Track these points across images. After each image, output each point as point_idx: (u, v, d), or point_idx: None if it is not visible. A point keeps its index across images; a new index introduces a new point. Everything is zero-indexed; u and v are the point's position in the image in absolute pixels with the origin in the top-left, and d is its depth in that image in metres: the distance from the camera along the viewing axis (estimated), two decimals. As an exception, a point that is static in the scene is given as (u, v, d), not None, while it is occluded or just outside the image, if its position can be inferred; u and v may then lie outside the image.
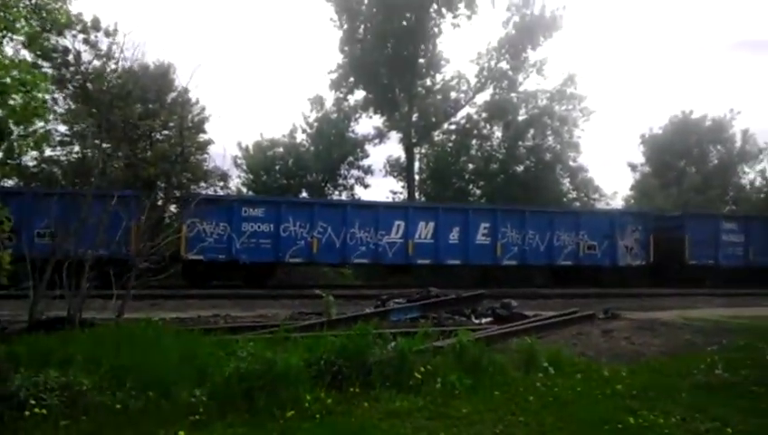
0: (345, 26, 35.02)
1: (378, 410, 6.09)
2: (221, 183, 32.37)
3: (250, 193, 33.23)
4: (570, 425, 5.89)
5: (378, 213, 23.66)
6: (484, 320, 12.04)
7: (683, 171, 43.45)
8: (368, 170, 37.30)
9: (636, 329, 11.35)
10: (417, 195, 35.74)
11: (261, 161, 35.03)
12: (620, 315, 13.08)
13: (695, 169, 43.02)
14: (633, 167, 48.48)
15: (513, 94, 35.96)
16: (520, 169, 34.94)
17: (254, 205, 22.55)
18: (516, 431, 5.68)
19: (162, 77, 30.45)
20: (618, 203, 39.87)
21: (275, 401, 5.97)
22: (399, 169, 37.60)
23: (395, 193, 37.47)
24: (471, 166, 35.73)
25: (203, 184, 30.95)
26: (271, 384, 6.10)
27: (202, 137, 31.13)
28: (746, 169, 45.54)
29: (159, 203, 24.42)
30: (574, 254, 25.69)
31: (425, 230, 23.82)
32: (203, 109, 31.83)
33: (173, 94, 30.97)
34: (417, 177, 36.78)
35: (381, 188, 66.45)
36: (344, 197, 36.08)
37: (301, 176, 35.38)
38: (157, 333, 7.74)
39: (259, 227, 22.11)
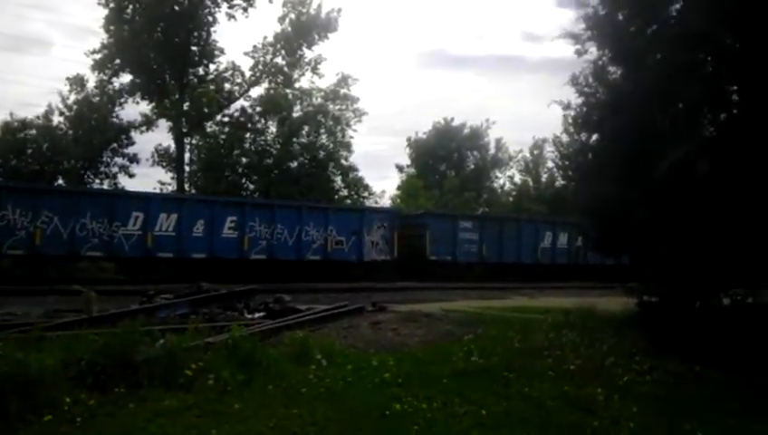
0: (111, 4, 32.85)
1: (145, 411, 5.81)
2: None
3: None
4: (340, 414, 6.06)
5: (114, 202, 22.13)
6: (257, 315, 11.95)
7: (444, 174, 46.74)
8: (133, 159, 35.40)
9: (401, 320, 11.95)
10: (187, 187, 34.55)
11: (10, 144, 31.65)
12: (387, 308, 13.69)
13: (454, 173, 46.46)
14: (400, 168, 51.36)
15: (288, 90, 36.10)
16: (294, 165, 35.18)
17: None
18: (289, 424, 5.72)
19: None
20: (386, 202, 41.83)
21: (30, 405, 5.47)
22: (169, 160, 36.12)
23: (164, 184, 35.91)
24: (245, 160, 35.28)
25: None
26: (24, 388, 5.57)
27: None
28: (498, 174, 50.29)
29: None
30: (323, 249, 25.88)
31: (166, 222, 22.56)
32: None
33: None
34: (187, 168, 35.56)
35: (149, 179, 63.18)
36: (106, 186, 33.90)
37: (57, 162, 32.56)
38: None
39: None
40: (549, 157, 47.59)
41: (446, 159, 48.79)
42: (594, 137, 12.45)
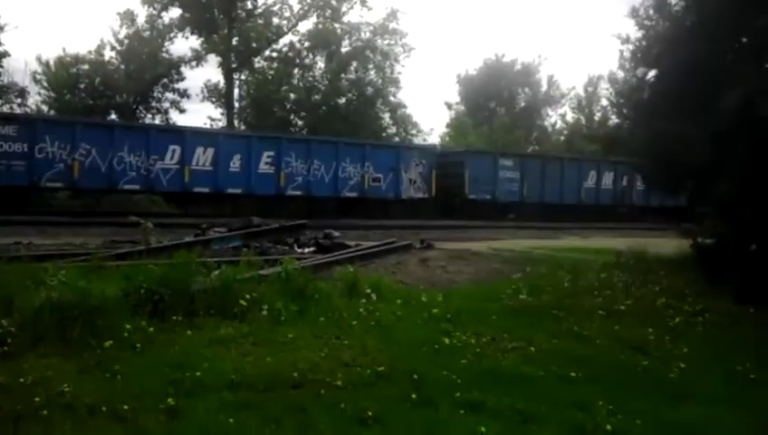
0: (161, -62, 32.65)
1: (202, 338, 5.96)
2: (18, 100, 29.46)
3: (52, 112, 30.54)
4: (390, 347, 6.14)
5: (149, 136, 22.13)
6: (307, 249, 12.12)
7: (494, 112, 45.97)
8: (184, 94, 35.77)
9: (450, 258, 11.99)
10: (236, 123, 34.80)
11: (64, 79, 32.21)
12: (435, 245, 13.73)
13: (504, 111, 45.65)
14: (449, 105, 50.72)
15: (336, 25, 35.68)
16: (342, 101, 35.06)
17: (2, 122, 19.98)
18: (341, 354, 5.82)
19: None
20: (434, 139, 41.52)
21: (92, 331, 5.64)
22: (218, 95, 36.34)
23: (213, 120, 36.31)
24: (293, 96, 35.28)
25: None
26: (86, 314, 5.74)
27: (-5, 48, 27.96)
28: (549, 113, 49.27)
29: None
30: (360, 186, 25.62)
31: (203, 157, 22.67)
32: (-3, 16, 28.57)
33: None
34: (236, 104, 35.74)
35: (199, 114, 64.03)
36: (158, 121, 34.35)
37: (109, 96, 33.05)
38: (-50, 260, 7.00)
39: (10, 146, 19.62)
40: (603, 94, 46.35)
41: (496, 97, 47.91)
42: (653, 72, 12.07)
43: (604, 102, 46.09)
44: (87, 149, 20.68)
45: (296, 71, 35.83)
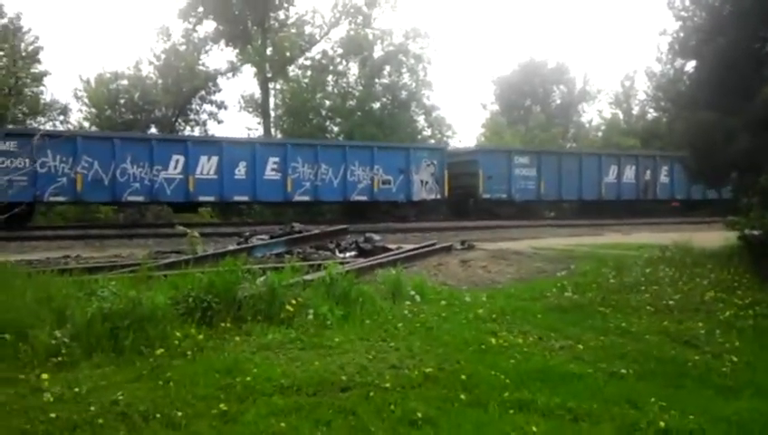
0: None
1: (250, 344, 6.05)
2: (61, 117, 30.24)
3: (93, 128, 31.25)
4: (436, 348, 6.16)
5: (151, 147, 21.82)
6: (348, 254, 12.18)
7: (529, 110, 45.59)
8: (221, 105, 36.30)
9: (491, 258, 11.93)
10: (273, 131, 35.17)
11: (104, 95, 32.94)
12: (475, 246, 13.68)
13: (539, 108, 45.23)
14: (484, 106, 50.59)
15: (368, 30, 35.84)
16: (376, 106, 35.14)
17: (4, 138, 19.42)
18: (387, 356, 5.85)
19: (-12, 2, 27.71)
20: (470, 141, 41.33)
21: (143, 340, 5.77)
22: (254, 105, 36.78)
23: (250, 129, 36.77)
24: (328, 102, 35.52)
25: (40, 118, 28.74)
26: (137, 323, 5.87)
27: (37, 67, 28.76)
28: (586, 109, 48.75)
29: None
30: (369, 189, 25.08)
31: (207, 165, 22.34)
32: (36, 38, 29.40)
33: (2, 21, 28.27)
34: (272, 113, 36.12)
35: (236, 124, 64.71)
36: (197, 132, 34.91)
37: (148, 111, 33.73)
38: (5, 274, 7.21)
39: (11, 162, 19.03)
40: (640, 88, 45.66)
41: (530, 95, 47.52)
42: (691, 63, 11.90)
43: (641, 96, 45.44)
44: (89, 161, 20.57)
45: (330, 78, 36.06)
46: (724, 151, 10.01)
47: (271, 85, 35.96)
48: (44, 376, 4.96)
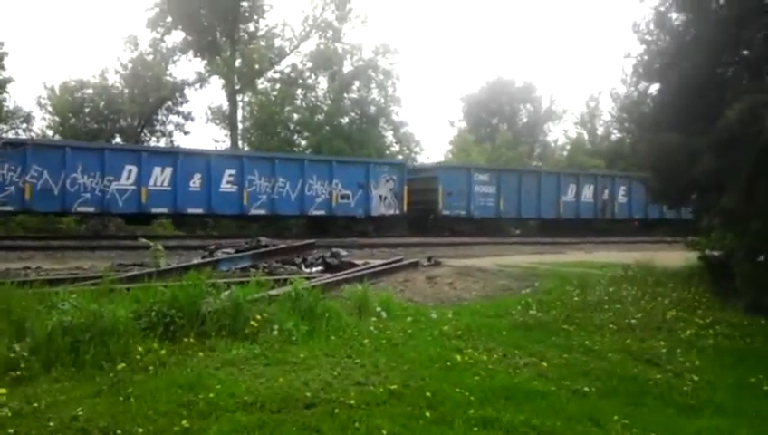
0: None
1: (214, 360, 5.97)
2: (24, 125, 29.73)
3: (57, 137, 30.76)
4: (402, 364, 6.15)
5: (104, 157, 21.10)
6: (315, 269, 12.14)
7: (496, 128, 46.06)
8: (188, 116, 36.02)
9: (457, 275, 11.98)
10: (240, 144, 34.97)
11: (68, 103, 32.45)
12: (442, 263, 13.73)
13: (506, 126, 45.72)
14: (452, 123, 51.04)
15: (338, 45, 35.95)
16: (345, 120, 35.18)
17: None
18: (352, 373, 5.82)
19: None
20: (438, 157, 41.55)
21: (104, 354, 5.67)
22: (222, 117, 36.55)
23: (217, 141, 36.48)
24: (296, 116, 35.46)
25: (2, 126, 28.21)
26: (98, 337, 5.77)
27: (0, 74, 28.24)
28: (552, 128, 49.45)
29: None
30: (327, 203, 24.79)
31: (161, 177, 21.79)
32: (1, 44, 28.86)
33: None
34: (240, 125, 35.95)
35: (204, 136, 64.39)
36: (163, 143, 34.58)
37: (113, 120, 33.32)
38: (-39, 286, 7.03)
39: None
40: (605, 109, 46.47)
41: (498, 113, 48.09)
42: (655, 86, 12.13)
43: (606, 117, 46.22)
44: (38, 171, 19.92)
45: (299, 91, 36.01)
46: (686, 172, 10.19)
47: (239, 97, 35.82)
48: (2, 390, 4.84)
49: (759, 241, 9.50)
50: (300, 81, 35.98)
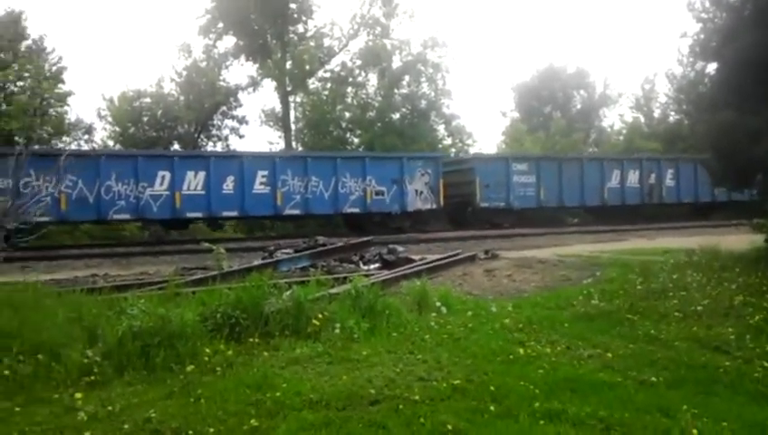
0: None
1: (279, 359, 6.08)
2: (85, 136, 30.67)
3: (118, 147, 31.66)
4: (464, 359, 6.15)
5: (137, 163, 21.30)
6: (372, 266, 12.22)
7: (549, 116, 45.40)
8: (242, 120, 36.58)
9: (515, 267, 11.90)
10: (294, 145, 35.35)
11: (127, 113, 33.24)
12: (499, 255, 13.65)
13: (560, 114, 45.02)
14: (504, 113, 50.54)
15: (386, 41, 35.97)
16: (396, 116, 35.18)
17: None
18: (415, 369, 5.85)
19: (13, 24, 28.18)
20: (491, 148, 41.22)
21: (173, 357, 5.83)
22: (275, 119, 36.99)
23: (272, 143, 37.01)
24: (348, 114, 35.64)
25: (66, 138, 29.16)
26: (167, 341, 5.94)
27: (61, 87, 29.17)
28: (606, 113, 48.47)
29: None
30: (362, 200, 24.49)
31: (194, 181, 21.85)
32: (60, 58, 29.86)
33: (27, 42, 28.81)
34: (293, 126, 36.32)
35: (258, 139, 65.35)
36: (219, 148, 35.18)
37: (171, 127, 34.04)
38: (36, 294, 7.33)
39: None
40: (661, 92, 45.27)
41: (550, 101, 47.37)
42: (713, 65, 11.81)
43: (662, 99, 45.03)
44: (73, 180, 20.09)
45: (349, 89, 36.19)
46: (747, 153, 9.90)
47: (291, 99, 36.19)
48: (78, 395, 5.03)
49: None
50: (350, 79, 36.14)
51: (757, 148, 9.49)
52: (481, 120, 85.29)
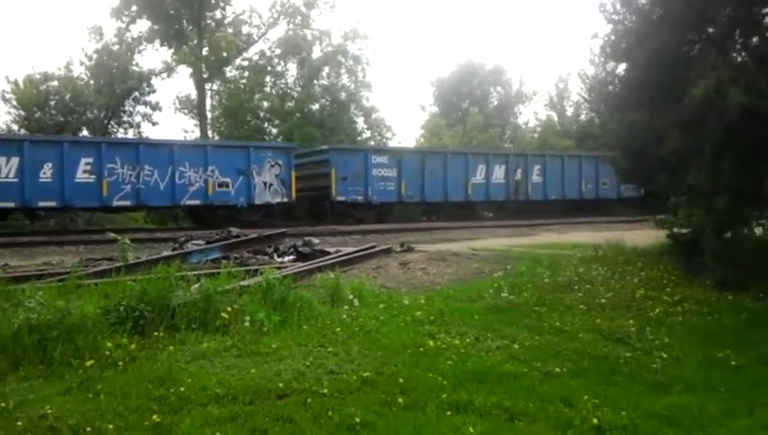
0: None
1: (185, 353, 5.91)
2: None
3: (22, 131, 30.18)
4: (375, 351, 6.14)
5: None
6: (287, 258, 12.07)
7: (467, 111, 46.12)
8: (156, 106, 35.55)
9: (430, 260, 11.98)
10: (210, 133, 34.63)
11: (33, 96, 31.81)
12: (415, 248, 13.74)
13: (477, 110, 45.81)
14: (423, 107, 51.06)
15: (306, 31, 35.67)
16: (315, 107, 34.99)
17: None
18: (325, 362, 5.80)
19: None
20: (410, 142, 41.53)
21: (73, 351, 5.61)
22: (191, 107, 36.15)
23: (187, 132, 36.13)
24: (266, 104, 35.20)
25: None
26: (66, 334, 5.70)
27: (-40, 68, 27.59)
28: (522, 110, 49.68)
29: None
30: (203, 192, 23.04)
31: (6, 167, 19.84)
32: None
33: None
34: (209, 114, 35.59)
35: (172, 126, 63.62)
36: (130, 135, 34.18)
37: (80, 112, 32.81)
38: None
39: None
40: (574, 91, 46.74)
41: (468, 96, 48.13)
42: (623, 66, 12.19)
43: (575, 98, 46.50)
44: None
45: (268, 79, 35.75)
46: (655, 151, 10.27)
47: (207, 86, 35.44)
48: (-31, 391, 4.76)
49: (725, 217, 9.63)
50: (269, 68, 35.75)
51: (663, 146, 9.86)
52: (401, 114, 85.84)
